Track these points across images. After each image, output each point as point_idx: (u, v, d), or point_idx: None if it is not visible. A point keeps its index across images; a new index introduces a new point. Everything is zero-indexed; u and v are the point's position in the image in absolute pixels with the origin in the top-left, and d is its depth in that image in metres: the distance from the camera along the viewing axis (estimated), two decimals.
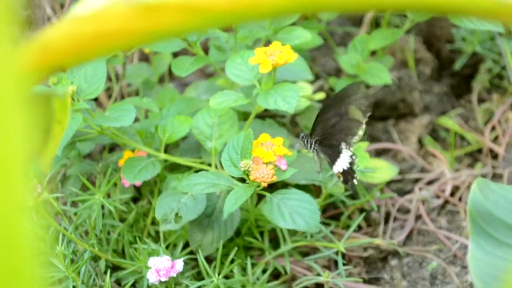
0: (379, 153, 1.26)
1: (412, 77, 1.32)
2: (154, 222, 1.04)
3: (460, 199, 1.17)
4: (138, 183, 0.99)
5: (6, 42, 0.34)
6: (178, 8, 0.41)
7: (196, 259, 0.99)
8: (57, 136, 0.60)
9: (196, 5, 0.41)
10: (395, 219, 1.14)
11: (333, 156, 0.95)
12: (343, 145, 0.94)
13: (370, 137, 1.27)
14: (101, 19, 0.42)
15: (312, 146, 0.95)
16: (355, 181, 0.94)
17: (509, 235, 0.70)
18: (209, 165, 0.99)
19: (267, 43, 0.99)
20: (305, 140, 0.95)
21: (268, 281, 1.01)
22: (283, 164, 0.91)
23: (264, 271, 1.02)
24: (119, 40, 0.43)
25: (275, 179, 0.87)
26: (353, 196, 1.10)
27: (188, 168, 1.01)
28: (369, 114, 0.94)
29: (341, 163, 0.94)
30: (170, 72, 1.26)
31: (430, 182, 1.21)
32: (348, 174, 0.94)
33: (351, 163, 0.94)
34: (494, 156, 1.24)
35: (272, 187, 0.90)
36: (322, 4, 0.44)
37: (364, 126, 0.94)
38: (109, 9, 0.42)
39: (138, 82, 1.22)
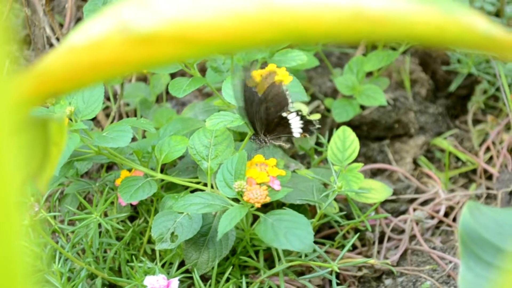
0: (374, 173, 1.27)
1: (408, 98, 1.33)
2: (150, 241, 1.04)
3: (454, 220, 1.18)
4: (135, 202, 1.00)
5: (3, 66, 0.35)
6: (171, 39, 0.42)
7: (191, 278, 1.00)
8: (54, 158, 0.62)
9: (190, 37, 0.42)
10: (389, 239, 1.15)
11: (286, 128, 0.95)
12: (283, 114, 0.95)
13: (365, 157, 1.28)
14: (97, 49, 0.43)
15: (266, 141, 0.96)
16: (316, 126, 0.95)
17: (498, 257, 0.71)
18: (205, 185, 1.00)
19: (264, 64, 1.00)
20: (257, 139, 0.96)
21: None
22: (277, 185, 0.92)
23: None
24: (115, 69, 0.44)
25: (268, 199, 0.88)
26: (348, 216, 1.11)
27: (185, 187, 1.02)
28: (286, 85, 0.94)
29: (296, 127, 0.95)
30: (167, 92, 1.27)
31: (424, 203, 1.22)
32: (307, 128, 0.95)
33: (302, 117, 0.95)
34: (489, 177, 1.25)
35: (267, 207, 0.91)
36: (313, 35, 0.45)
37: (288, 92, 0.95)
38: (105, 39, 0.43)
39: (136, 101, 1.24)
